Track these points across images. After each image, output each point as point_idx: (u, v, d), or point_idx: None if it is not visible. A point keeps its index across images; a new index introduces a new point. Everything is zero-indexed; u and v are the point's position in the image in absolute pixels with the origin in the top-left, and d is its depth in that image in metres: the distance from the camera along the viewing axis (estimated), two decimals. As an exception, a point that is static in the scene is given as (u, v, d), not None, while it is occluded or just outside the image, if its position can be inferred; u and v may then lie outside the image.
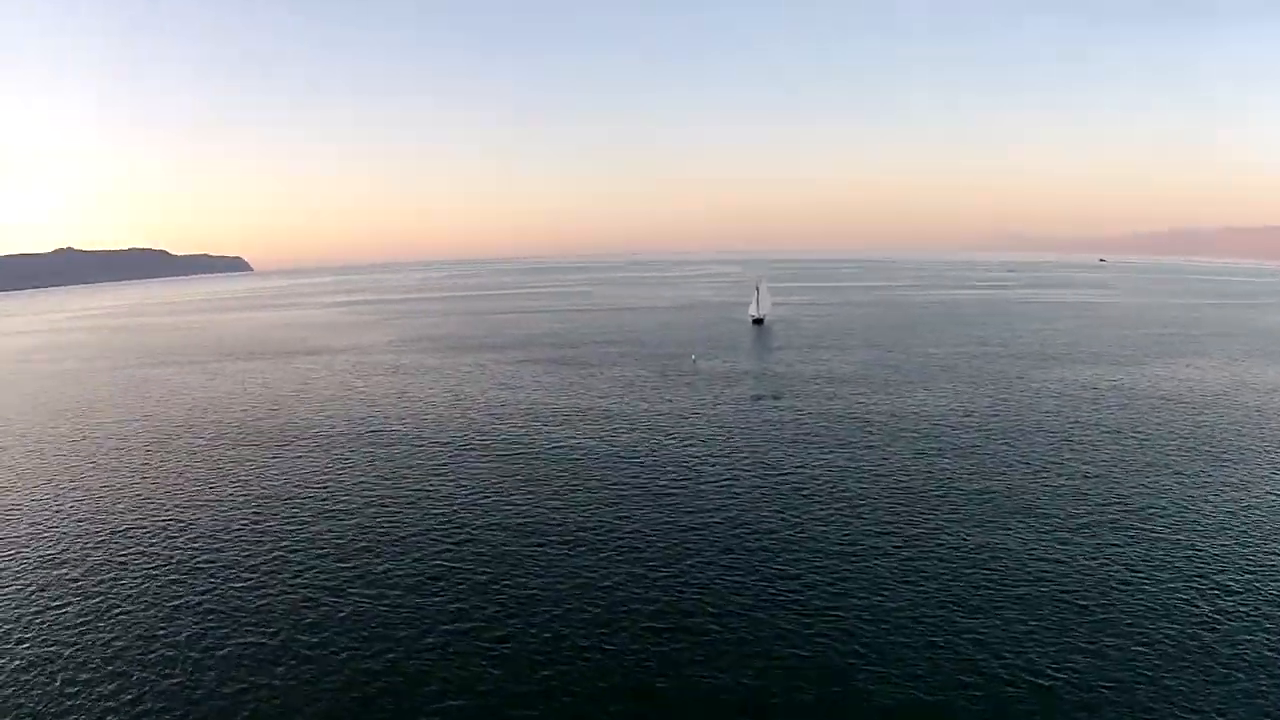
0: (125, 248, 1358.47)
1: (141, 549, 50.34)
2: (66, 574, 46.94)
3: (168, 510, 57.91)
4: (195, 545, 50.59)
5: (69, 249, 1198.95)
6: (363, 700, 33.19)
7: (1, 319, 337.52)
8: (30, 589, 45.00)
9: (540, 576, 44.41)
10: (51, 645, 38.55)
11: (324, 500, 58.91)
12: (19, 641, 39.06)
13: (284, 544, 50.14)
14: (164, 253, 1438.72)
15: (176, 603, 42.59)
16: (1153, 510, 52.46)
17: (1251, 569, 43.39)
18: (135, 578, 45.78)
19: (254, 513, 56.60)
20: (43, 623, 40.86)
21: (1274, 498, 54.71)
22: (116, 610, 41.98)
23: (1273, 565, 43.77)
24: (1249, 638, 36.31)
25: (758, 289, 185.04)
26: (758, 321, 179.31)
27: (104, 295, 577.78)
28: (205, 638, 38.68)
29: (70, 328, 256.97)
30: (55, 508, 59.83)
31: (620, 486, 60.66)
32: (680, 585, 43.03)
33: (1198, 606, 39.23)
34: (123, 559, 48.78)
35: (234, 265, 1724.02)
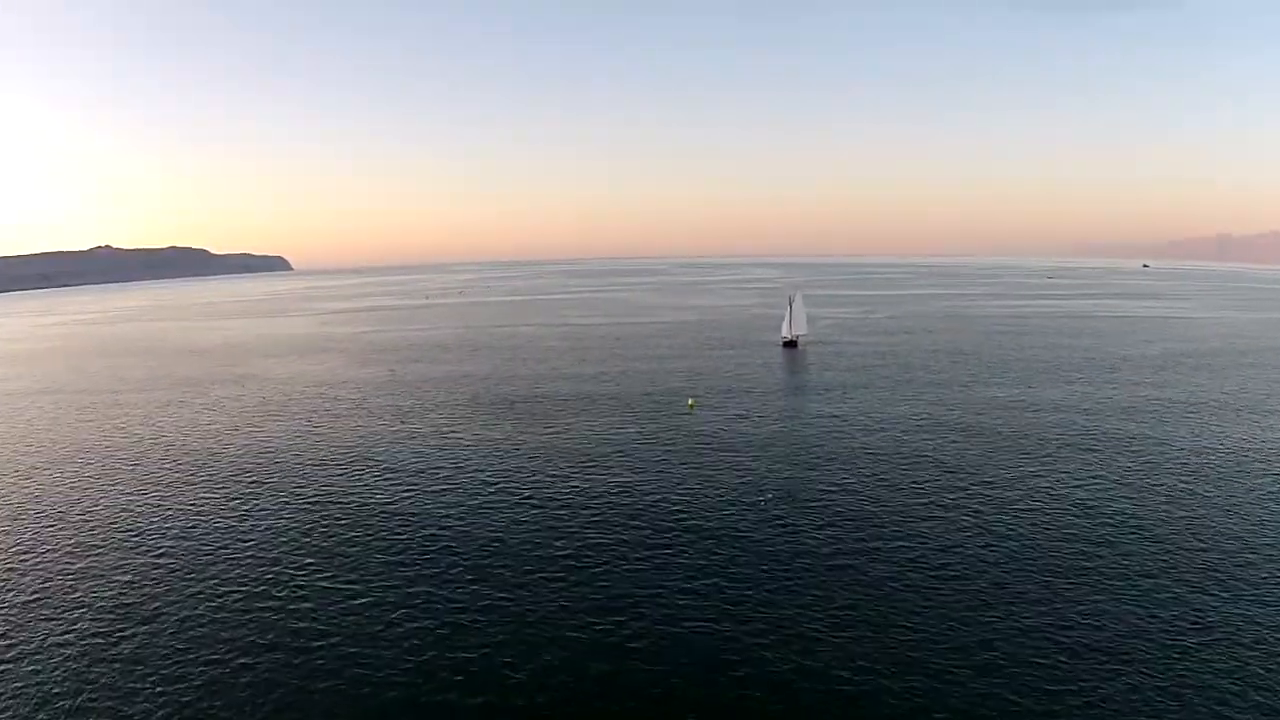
0: (164, 246, 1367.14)
1: None
2: None
3: None
4: None
5: (106, 246, 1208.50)
6: None
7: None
8: None
9: None
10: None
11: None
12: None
13: None
14: (204, 251, 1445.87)
15: None
16: None
17: None
18: None
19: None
20: None
21: None
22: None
23: None
24: None
25: (790, 304, 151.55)
26: (790, 344, 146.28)
27: (116, 296, 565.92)
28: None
29: (31, 337, 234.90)
30: None
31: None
32: None
33: None
34: None
35: (274, 264, 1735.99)
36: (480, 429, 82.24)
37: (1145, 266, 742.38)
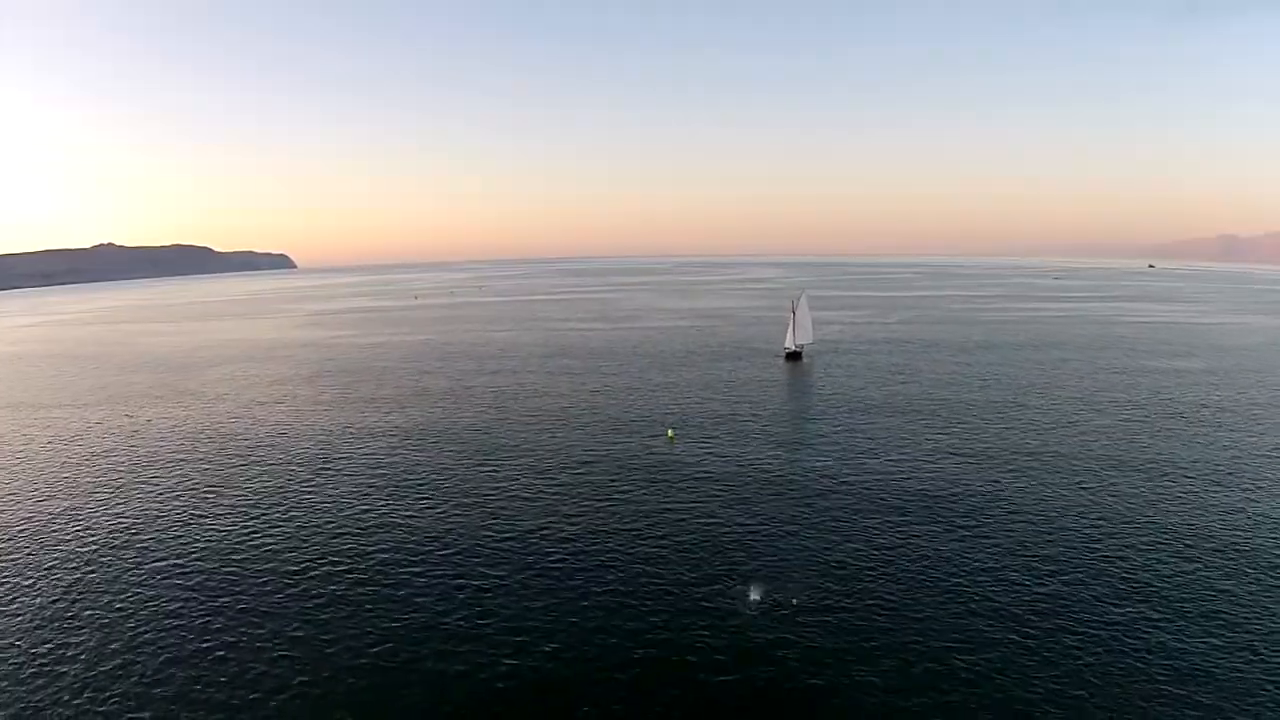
0: (167, 244, 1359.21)
1: None
2: None
3: None
4: None
5: (109, 244, 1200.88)
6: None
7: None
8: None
9: None
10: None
11: None
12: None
13: None
14: (207, 249, 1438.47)
15: None
16: None
17: None
18: None
19: None
20: None
21: None
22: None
23: None
24: None
25: (794, 310, 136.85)
26: (793, 356, 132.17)
27: (109, 295, 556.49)
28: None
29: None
30: None
31: None
32: None
33: None
34: None
35: (278, 263, 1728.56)
36: (411, 466, 68.72)
37: (1151, 267, 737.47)
